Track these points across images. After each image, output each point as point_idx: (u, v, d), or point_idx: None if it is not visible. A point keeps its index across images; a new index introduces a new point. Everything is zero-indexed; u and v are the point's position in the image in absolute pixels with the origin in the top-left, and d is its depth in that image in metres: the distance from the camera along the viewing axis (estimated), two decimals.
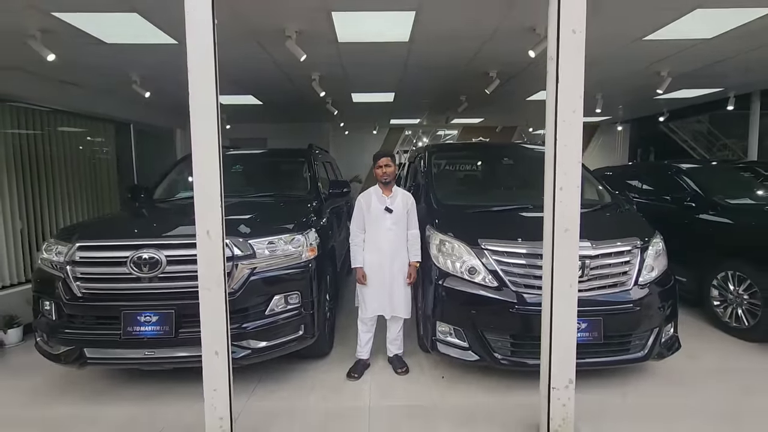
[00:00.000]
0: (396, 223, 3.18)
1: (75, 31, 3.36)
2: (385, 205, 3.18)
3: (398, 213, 3.18)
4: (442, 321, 3.11)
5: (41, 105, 4.85)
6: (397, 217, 3.18)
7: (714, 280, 4.13)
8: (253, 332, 2.85)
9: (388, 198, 3.21)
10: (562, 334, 2.37)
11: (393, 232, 3.18)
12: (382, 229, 3.18)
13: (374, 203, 3.20)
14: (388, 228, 3.17)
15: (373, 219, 3.20)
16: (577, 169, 2.30)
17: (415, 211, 3.28)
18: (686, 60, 4.50)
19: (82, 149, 5.58)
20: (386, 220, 3.17)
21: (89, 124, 5.69)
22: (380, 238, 3.18)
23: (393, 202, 3.20)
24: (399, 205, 3.19)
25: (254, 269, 2.90)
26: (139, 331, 2.73)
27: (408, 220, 3.23)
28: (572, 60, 2.23)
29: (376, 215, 3.19)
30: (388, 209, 3.17)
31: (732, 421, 2.67)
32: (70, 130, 5.36)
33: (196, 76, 2.21)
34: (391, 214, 3.17)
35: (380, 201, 3.20)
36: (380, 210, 3.18)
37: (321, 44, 3.76)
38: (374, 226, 3.20)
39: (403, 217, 3.20)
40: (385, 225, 3.17)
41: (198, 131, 2.24)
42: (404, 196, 3.27)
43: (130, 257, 2.75)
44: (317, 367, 3.43)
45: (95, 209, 5.67)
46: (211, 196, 2.27)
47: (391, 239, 3.17)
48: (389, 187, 3.24)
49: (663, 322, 3.02)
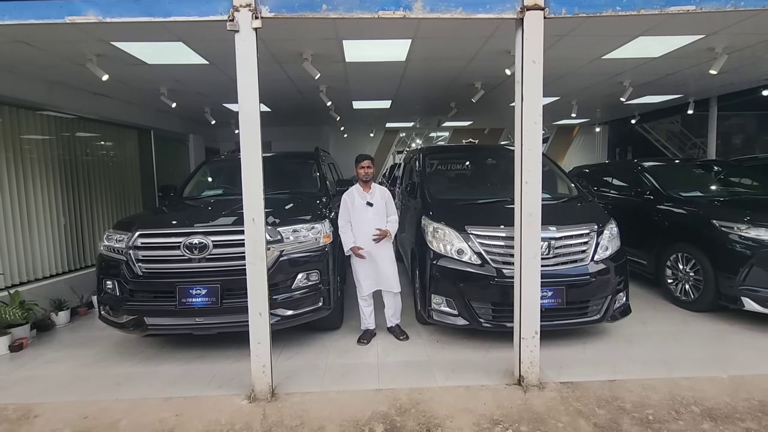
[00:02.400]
0: (377, 214, 3.82)
1: (125, 56, 3.98)
2: (366, 200, 3.82)
3: (378, 205, 3.82)
4: (436, 294, 3.78)
5: (76, 114, 5.44)
6: (377, 209, 3.82)
7: (668, 261, 4.84)
8: (282, 302, 3.49)
9: (368, 194, 3.84)
10: (528, 294, 3.05)
11: (375, 221, 3.81)
12: (365, 220, 3.81)
13: (357, 199, 3.84)
14: (371, 219, 3.81)
15: (357, 212, 3.82)
16: (538, 166, 2.99)
17: (392, 202, 3.94)
18: (642, 73, 5.22)
19: (112, 154, 6.19)
20: (368, 212, 3.81)
21: (117, 131, 6.30)
22: (365, 228, 3.81)
23: (373, 197, 3.84)
24: (378, 199, 3.84)
25: (282, 252, 3.55)
26: (191, 302, 3.36)
27: (387, 210, 3.88)
28: (533, 84, 2.92)
29: (359, 209, 3.82)
30: (369, 203, 3.81)
31: (664, 366, 3.36)
32: (100, 136, 5.96)
33: (245, 96, 2.85)
34: (372, 207, 3.81)
35: (362, 197, 3.84)
36: (362, 204, 3.81)
37: (331, 63, 4.42)
38: (358, 219, 3.82)
39: (382, 209, 3.85)
40: (367, 216, 3.81)
41: (246, 139, 2.89)
42: (381, 191, 3.90)
43: (183, 242, 3.39)
44: (331, 336, 4.09)
45: (123, 207, 6.27)
46: (255, 190, 2.92)
47: (373, 227, 3.80)
48: (369, 185, 3.87)
49: (615, 292, 3.72)
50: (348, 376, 3.32)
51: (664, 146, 10.83)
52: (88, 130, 5.73)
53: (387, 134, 11.40)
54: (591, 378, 3.18)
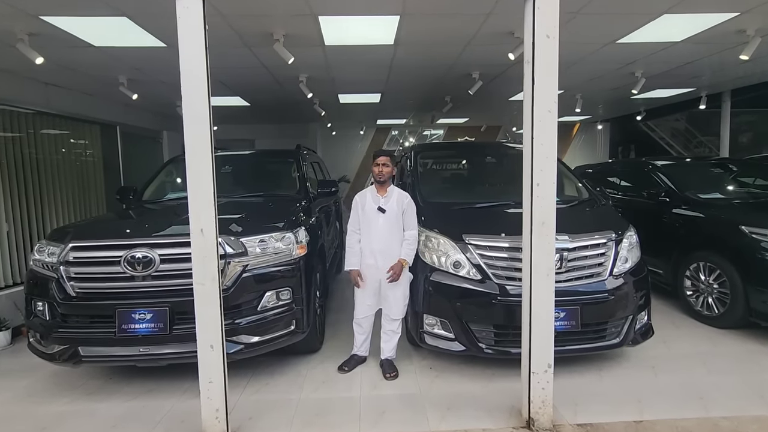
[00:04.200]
0: (388, 223, 3.16)
1: (63, 35, 3.40)
2: (378, 204, 3.18)
3: (391, 213, 3.15)
4: (429, 314, 3.24)
5: (25, 107, 4.84)
6: (390, 217, 3.15)
7: (687, 271, 4.34)
8: (245, 327, 2.93)
9: (382, 198, 3.18)
10: (541, 320, 2.51)
11: (385, 232, 3.14)
12: (374, 230, 3.17)
13: (368, 202, 3.21)
14: (381, 228, 3.14)
15: (366, 219, 3.20)
16: (552, 166, 2.45)
17: (413, 212, 3.21)
18: (658, 61, 4.72)
19: (67, 151, 5.57)
20: (378, 219, 3.16)
21: (75, 127, 5.68)
22: (372, 238, 3.18)
23: (387, 202, 3.17)
24: (393, 206, 3.17)
25: (246, 266, 2.98)
26: (133, 328, 2.79)
27: (405, 221, 3.18)
28: (547, 63, 2.38)
29: (369, 215, 3.19)
30: (381, 209, 3.16)
31: (699, 400, 2.84)
32: (55, 132, 5.35)
33: (189, 80, 2.29)
34: (383, 214, 3.16)
35: (374, 200, 3.20)
36: (373, 209, 3.18)
37: (308, 47, 3.86)
38: (367, 226, 3.20)
39: (396, 218, 3.15)
40: (377, 225, 3.16)
41: (191, 133, 2.32)
42: (400, 196, 3.20)
43: (123, 256, 2.81)
44: (309, 362, 3.53)
45: (82, 211, 5.66)
46: (204, 195, 2.36)
47: (382, 239, 3.14)
48: (384, 187, 3.21)
49: (637, 310, 3.20)
50: (323, 416, 2.77)
51: (668, 144, 10.39)
52: (41, 125, 5.11)
53: (378, 132, 10.86)
54: (614, 418, 2.66)
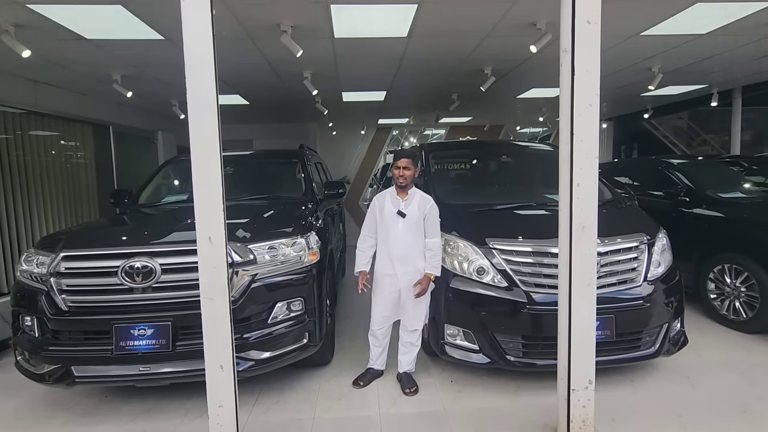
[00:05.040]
0: (408, 229, 2.94)
1: (52, 26, 3.14)
2: (398, 208, 2.95)
3: (412, 218, 2.92)
4: (451, 323, 3.03)
5: (12, 107, 4.56)
6: (410, 222, 2.92)
7: (710, 274, 4.18)
8: (255, 342, 2.70)
9: (402, 201, 2.95)
10: (582, 333, 2.31)
11: (404, 238, 2.92)
12: (393, 235, 2.95)
13: (387, 205, 2.98)
14: (400, 234, 2.93)
15: (385, 223, 2.98)
16: (594, 164, 2.25)
17: (435, 218, 2.96)
18: (678, 56, 4.55)
19: (57, 153, 5.28)
20: (398, 224, 2.94)
21: (66, 127, 5.39)
22: (391, 244, 2.96)
23: (407, 206, 2.94)
24: (414, 210, 2.95)
25: (255, 276, 2.75)
26: (132, 345, 2.54)
27: (426, 227, 2.95)
28: (588, 52, 2.18)
29: (388, 219, 2.97)
30: (401, 213, 2.93)
31: (741, 413, 2.66)
32: (44, 133, 5.06)
33: (194, 69, 2.05)
34: (403, 219, 2.93)
35: (393, 204, 2.98)
36: (392, 213, 2.95)
37: (316, 40, 3.63)
38: (385, 231, 2.98)
39: (417, 224, 2.93)
40: (396, 230, 2.94)
41: (197, 131, 2.08)
42: (422, 200, 2.97)
43: (121, 266, 2.56)
44: (320, 375, 3.29)
45: (73, 216, 5.37)
46: (212, 199, 2.12)
47: (401, 246, 2.93)
48: (405, 190, 2.98)
49: (672, 318, 3.01)
50: None
51: (672, 143, 10.28)
52: (29, 126, 4.82)
53: (379, 132, 10.61)
54: None
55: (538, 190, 4.12)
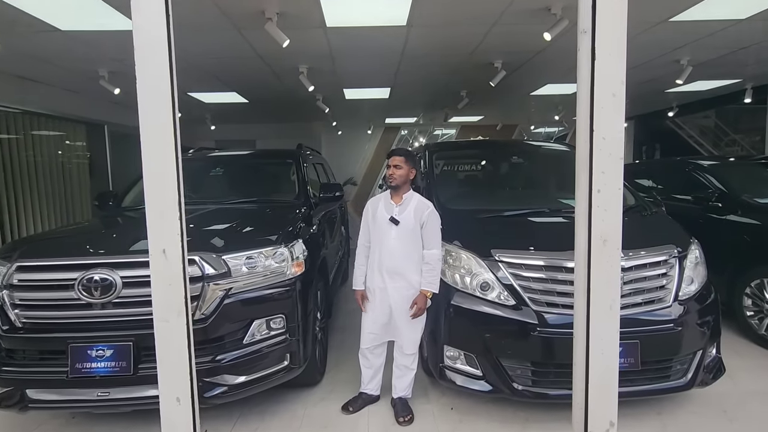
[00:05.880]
0: (401, 238, 2.60)
1: (23, 17, 2.91)
2: (391, 214, 2.63)
3: (406, 225, 2.60)
4: (451, 345, 2.69)
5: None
6: (404, 230, 2.59)
7: (747, 288, 3.74)
8: (229, 365, 2.40)
9: (396, 206, 2.64)
10: (602, 366, 1.94)
11: (396, 248, 2.60)
12: (385, 244, 2.63)
13: (380, 211, 2.66)
14: (392, 243, 2.60)
15: (377, 230, 2.66)
16: (618, 167, 1.88)
17: (435, 226, 2.62)
18: (711, 46, 4.12)
19: (49, 153, 5.11)
20: (390, 231, 2.62)
21: (57, 126, 5.22)
22: (383, 254, 2.63)
23: (401, 212, 2.62)
24: (409, 216, 2.62)
25: (229, 290, 2.46)
26: (89, 368, 2.27)
27: (424, 236, 2.62)
28: (612, 32, 1.81)
29: (380, 226, 2.65)
30: (394, 220, 2.61)
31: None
32: (34, 132, 4.89)
33: (143, 40, 1.75)
34: (396, 226, 2.61)
35: (387, 209, 2.65)
36: (385, 219, 2.63)
37: (307, 29, 3.33)
38: (377, 239, 2.66)
39: (413, 232, 2.60)
40: (388, 238, 2.62)
41: (147, 116, 1.78)
42: (419, 205, 2.64)
43: (78, 279, 2.30)
44: (307, 398, 2.99)
45: (65, 218, 5.20)
46: (166, 204, 1.83)
47: (393, 257, 2.61)
48: (399, 193, 2.66)
49: (707, 343, 2.61)
50: None
51: (698, 143, 9.68)
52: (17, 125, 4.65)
53: (387, 132, 10.29)
54: None
55: (553, 195, 3.75)
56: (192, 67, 4.28)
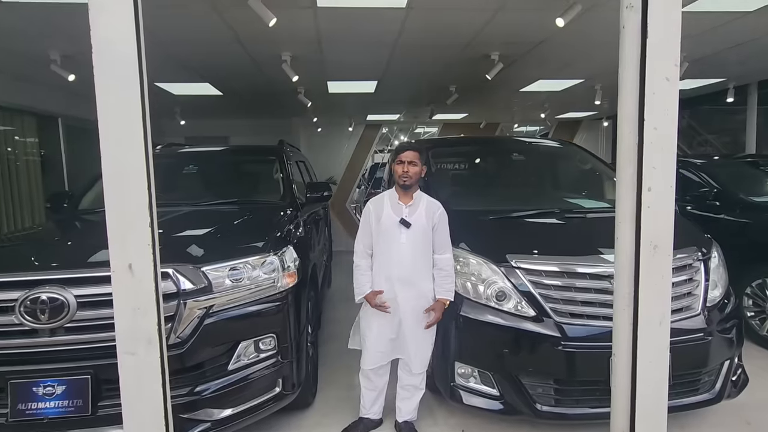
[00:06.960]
0: (413, 242, 2.34)
1: None
2: (401, 216, 2.34)
3: (418, 228, 2.35)
4: (462, 362, 2.42)
5: None
6: (415, 233, 2.34)
7: (748, 288, 3.68)
8: (211, 398, 2.03)
9: (406, 207, 2.38)
10: (650, 387, 1.71)
11: (408, 253, 2.34)
12: (394, 250, 2.34)
13: (387, 212, 2.37)
14: (402, 248, 2.34)
15: (383, 234, 2.36)
16: (671, 163, 1.66)
17: (446, 227, 2.41)
18: (710, 41, 4.03)
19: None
20: (400, 236, 2.33)
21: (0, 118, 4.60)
22: (391, 261, 2.34)
23: (412, 213, 2.36)
24: (421, 218, 2.36)
25: (210, 308, 2.08)
26: (36, 408, 1.85)
27: (435, 239, 2.39)
28: (665, 7, 1.58)
29: (387, 229, 2.36)
30: (405, 222, 2.33)
31: None
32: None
33: (104, 32, 1.38)
34: (407, 229, 2.33)
35: (395, 210, 2.37)
36: (394, 222, 2.34)
37: (295, 9, 2.97)
38: (385, 244, 2.37)
39: (424, 235, 2.36)
40: (398, 244, 2.34)
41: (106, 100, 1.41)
42: (430, 205, 2.42)
43: (19, 299, 1.87)
44: (300, 422, 2.65)
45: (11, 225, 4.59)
46: (133, 208, 1.46)
47: (404, 263, 2.35)
48: (409, 193, 2.41)
49: (735, 352, 2.45)
50: None
51: None
52: None
53: (368, 129, 9.96)
54: None
55: (557, 194, 3.56)
56: (160, 54, 3.83)
